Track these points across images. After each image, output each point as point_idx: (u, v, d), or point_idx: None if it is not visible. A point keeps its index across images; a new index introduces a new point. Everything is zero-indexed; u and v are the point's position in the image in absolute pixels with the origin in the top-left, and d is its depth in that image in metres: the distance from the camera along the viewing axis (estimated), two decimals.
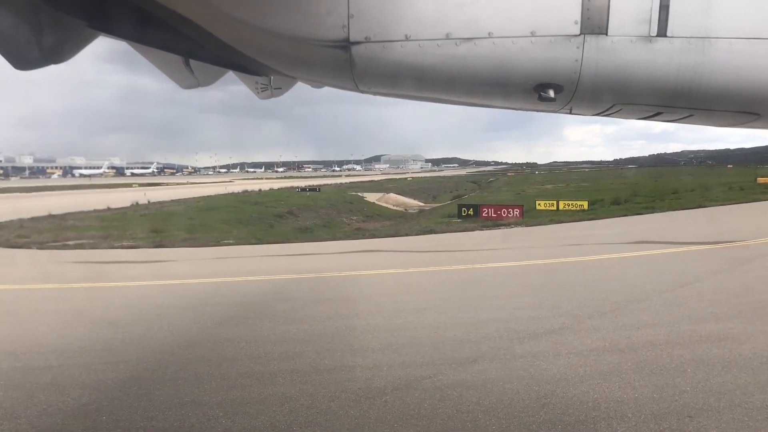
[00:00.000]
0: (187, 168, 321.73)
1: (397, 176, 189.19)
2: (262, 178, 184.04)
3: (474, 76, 3.90)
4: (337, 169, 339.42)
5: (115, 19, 4.54)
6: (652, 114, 4.43)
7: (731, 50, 3.64)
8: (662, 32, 3.60)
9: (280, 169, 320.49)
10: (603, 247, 21.78)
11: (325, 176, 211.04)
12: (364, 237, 29.55)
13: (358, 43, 3.69)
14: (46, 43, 4.40)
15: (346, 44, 3.71)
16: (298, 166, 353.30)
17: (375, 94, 4.72)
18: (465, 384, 7.95)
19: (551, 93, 3.86)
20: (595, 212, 39.19)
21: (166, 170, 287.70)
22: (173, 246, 25.77)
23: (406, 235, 29.13)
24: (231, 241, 28.02)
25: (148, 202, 59.23)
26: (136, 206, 55.07)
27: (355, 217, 66.57)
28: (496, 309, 11.98)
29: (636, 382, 7.84)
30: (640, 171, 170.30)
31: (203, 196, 70.40)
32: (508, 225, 32.64)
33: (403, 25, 3.66)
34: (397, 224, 47.44)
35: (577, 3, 3.56)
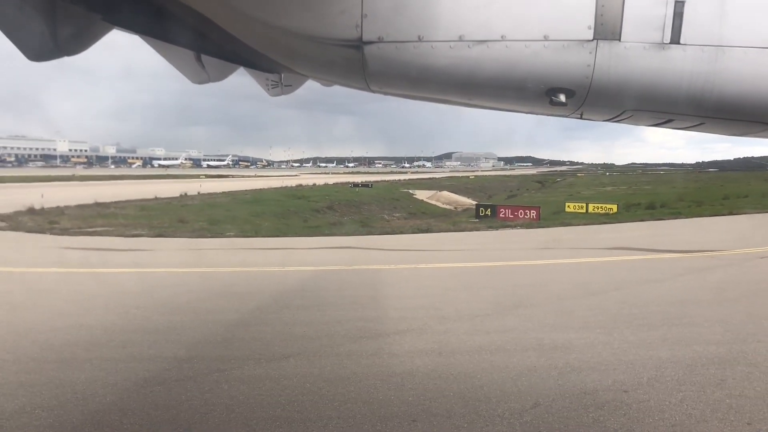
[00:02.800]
0: (262, 161, 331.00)
1: (462, 174, 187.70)
2: (329, 173, 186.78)
3: (486, 79, 3.92)
4: (407, 165, 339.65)
5: (129, 13, 4.70)
6: (663, 121, 4.44)
7: (744, 59, 3.65)
8: (676, 39, 3.61)
9: (351, 165, 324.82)
10: (573, 251, 21.21)
11: (392, 172, 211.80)
12: (362, 234, 29.76)
13: (370, 42, 3.75)
14: (61, 35, 4.47)
15: (358, 44, 3.77)
16: (368, 162, 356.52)
17: (386, 94, 4.80)
18: (250, 379, 8.12)
19: (562, 97, 3.90)
20: (617, 216, 37.93)
21: (241, 163, 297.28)
22: (173, 236, 26.96)
23: (401, 233, 29.23)
24: (231, 234, 28.96)
25: (198, 193, 61.76)
26: (182, 197, 57.56)
27: (397, 214, 66.33)
28: (374, 308, 12.08)
29: (420, 386, 7.80)
30: (718, 175, 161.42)
31: (253, 189, 72.61)
32: (513, 226, 32.15)
33: (417, 26, 3.71)
34: (437, 222, 47.08)
35: (591, 8, 3.60)
